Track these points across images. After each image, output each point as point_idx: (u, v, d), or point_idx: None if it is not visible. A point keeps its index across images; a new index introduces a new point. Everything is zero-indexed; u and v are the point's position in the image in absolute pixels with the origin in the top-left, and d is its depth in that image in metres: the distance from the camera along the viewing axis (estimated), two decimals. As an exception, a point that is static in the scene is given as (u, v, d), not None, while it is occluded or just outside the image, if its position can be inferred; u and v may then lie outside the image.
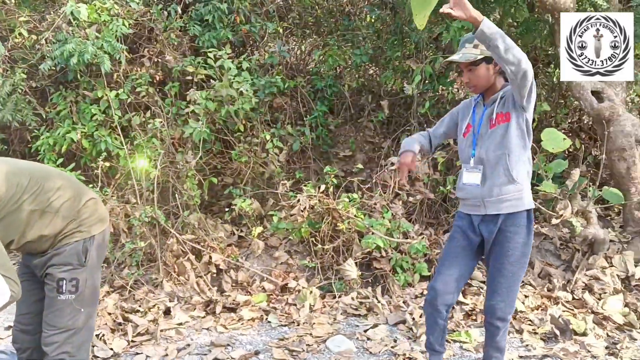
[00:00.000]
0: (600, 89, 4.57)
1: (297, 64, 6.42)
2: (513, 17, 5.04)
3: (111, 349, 3.50)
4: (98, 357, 3.39)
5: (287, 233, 4.66)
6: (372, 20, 7.22)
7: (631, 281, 4.19)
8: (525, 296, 4.09)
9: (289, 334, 3.80)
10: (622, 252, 4.38)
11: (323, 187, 4.48)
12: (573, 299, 4.05)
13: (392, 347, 3.54)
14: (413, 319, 3.82)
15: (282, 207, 4.88)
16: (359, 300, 4.16)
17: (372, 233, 4.33)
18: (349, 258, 4.30)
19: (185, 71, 5.37)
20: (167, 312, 4.10)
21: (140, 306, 4.10)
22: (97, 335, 3.57)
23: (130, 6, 5.11)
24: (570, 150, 5.43)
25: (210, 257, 4.54)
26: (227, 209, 5.41)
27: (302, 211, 4.23)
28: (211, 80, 5.24)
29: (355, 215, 4.40)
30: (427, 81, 5.26)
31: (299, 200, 4.31)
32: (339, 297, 4.22)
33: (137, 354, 3.48)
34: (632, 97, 5.76)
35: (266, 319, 4.03)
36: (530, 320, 3.78)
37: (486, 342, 2.89)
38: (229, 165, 5.77)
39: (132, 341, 3.63)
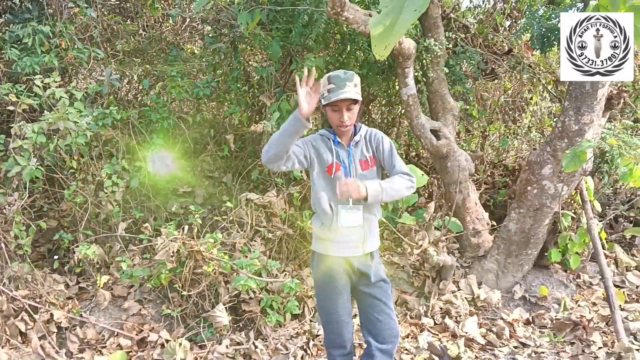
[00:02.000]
0: (437, 127, 4.99)
1: (127, 94, 5.94)
2: (355, 58, 5.28)
3: None
4: None
5: (142, 281, 4.21)
6: (195, 51, 7.01)
7: (477, 302, 4.58)
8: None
9: (165, 394, 3.41)
10: (465, 276, 4.77)
11: (187, 228, 4.16)
12: (435, 324, 4.29)
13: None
14: (297, 361, 3.70)
15: (132, 252, 4.42)
16: (234, 348, 3.90)
17: (238, 274, 4.11)
18: (218, 303, 4.02)
19: (2, 100, 4.63)
20: (7, 387, 3.42)
21: (-31, 384, 3.36)
22: None
23: None
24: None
25: (52, 315, 3.90)
26: (55, 257, 4.74)
27: (171, 256, 3.84)
28: (36, 111, 4.59)
29: (219, 256, 4.15)
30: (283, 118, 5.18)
31: (163, 244, 3.91)
32: (211, 346, 3.90)
33: None
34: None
35: (133, 380, 3.58)
36: (406, 350, 3.90)
37: None
38: (55, 206, 5.08)
39: None
